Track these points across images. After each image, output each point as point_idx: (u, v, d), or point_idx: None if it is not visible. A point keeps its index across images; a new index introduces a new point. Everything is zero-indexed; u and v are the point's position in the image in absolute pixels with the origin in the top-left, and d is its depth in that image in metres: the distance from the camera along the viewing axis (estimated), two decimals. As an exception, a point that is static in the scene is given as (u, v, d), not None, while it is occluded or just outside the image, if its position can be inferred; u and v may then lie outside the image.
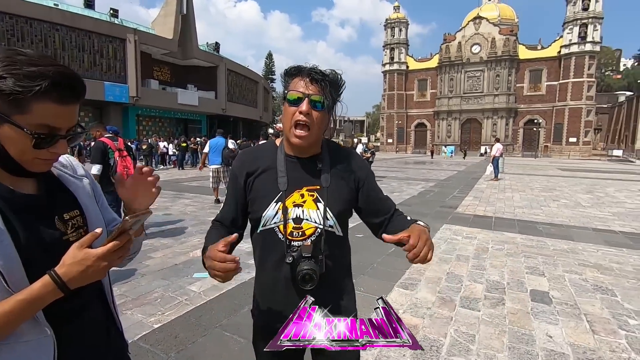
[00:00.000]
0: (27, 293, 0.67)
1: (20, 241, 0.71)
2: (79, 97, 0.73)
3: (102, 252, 0.70)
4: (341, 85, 1.09)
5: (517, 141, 45.49)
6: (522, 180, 15.16)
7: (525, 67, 44.72)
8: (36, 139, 0.68)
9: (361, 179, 1.17)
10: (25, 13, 21.70)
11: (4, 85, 0.65)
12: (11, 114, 0.66)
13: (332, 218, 1.10)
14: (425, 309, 3.14)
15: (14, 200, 0.74)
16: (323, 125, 1.07)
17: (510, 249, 5.01)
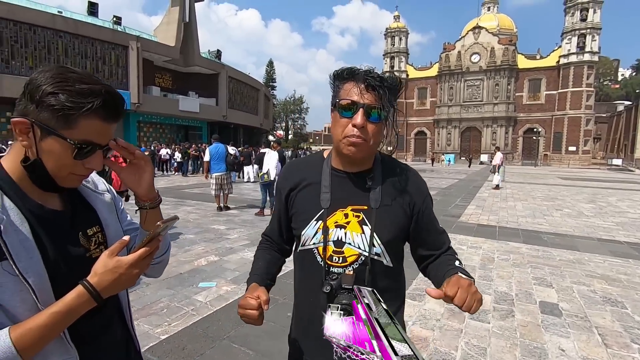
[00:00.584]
0: (61, 305, 0.66)
1: (48, 257, 0.70)
2: (120, 117, 0.75)
3: (134, 259, 0.70)
4: (400, 89, 0.95)
5: (517, 149, 45.66)
6: (524, 189, 15.16)
7: (525, 77, 45.10)
8: (78, 149, 0.69)
9: (417, 203, 1.00)
10: (29, 20, 21.85)
11: (55, 100, 0.66)
12: (58, 128, 0.68)
13: (380, 245, 0.95)
14: (434, 320, 3.10)
15: (43, 216, 0.74)
16: (379, 137, 0.93)
17: (516, 259, 4.98)
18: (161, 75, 32.40)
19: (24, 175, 0.72)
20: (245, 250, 5.08)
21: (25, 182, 0.73)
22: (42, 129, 0.68)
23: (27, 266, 0.66)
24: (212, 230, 6.33)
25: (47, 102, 0.66)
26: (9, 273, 0.65)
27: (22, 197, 0.72)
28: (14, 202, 0.69)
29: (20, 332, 0.63)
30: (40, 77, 0.67)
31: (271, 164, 7.79)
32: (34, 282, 0.66)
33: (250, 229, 6.51)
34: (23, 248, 0.67)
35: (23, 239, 0.67)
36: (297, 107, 65.51)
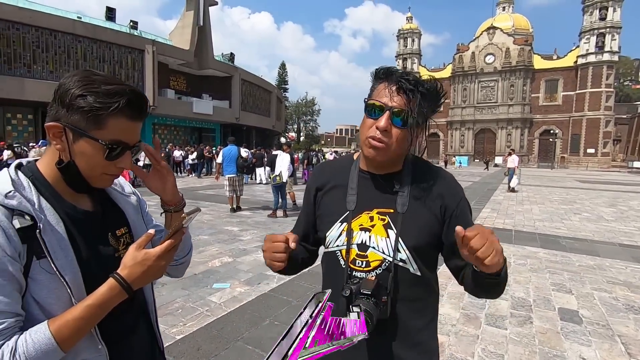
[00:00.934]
0: (94, 298, 0.69)
1: (81, 256, 0.74)
2: (145, 115, 0.78)
3: (161, 250, 0.73)
4: (440, 96, 0.89)
5: (533, 152, 44.76)
6: (540, 192, 14.83)
7: (541, 77, 44.24)
8: (109, 150, 0.72)
9: (449, 207, 0.92)
10: (50, 25, 22.53)
11: (84, 102, 0.69)
12: (89, 129, 0.71)
13: (405, 251, 0.89)
14: (449, 325, 3.05)
15: (76, 217, 0.77)
16: (404, 144, 0.88)
17: (534, 264, 4.87)
18: (176, 78, 32.95)
19: (59, 178, 0.75)
20: (258, 252, 5.10)
21: (59, 184, 0.76)
22: (74, 131, 0.71)
23: (64, 264, 0.69)
24: (226, 231, 6.39)
25: (77, 105, 0.69)
26: (46, 271, 0.68)
27: (57, 199, 0.75)
28: (49, 203, 0.72)
29: (59, 324, 0.66)
30: (68, 82, 0.70)
31: (283, 166, 7.85)
32: (70, 280, 0.69)
33: (263, 230, 6.54)
34: (59, 247, 0.70)
35: (59, 238, 0.70)
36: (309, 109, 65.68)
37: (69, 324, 0.66)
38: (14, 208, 0.66)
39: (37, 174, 0.75)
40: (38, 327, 0.65)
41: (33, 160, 0.79)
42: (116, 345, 0.80)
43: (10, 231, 0.64)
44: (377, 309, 0.81)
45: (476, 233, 0.70)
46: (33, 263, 0.67)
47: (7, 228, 0.64)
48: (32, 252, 0.67)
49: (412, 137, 0.89)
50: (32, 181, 0.73)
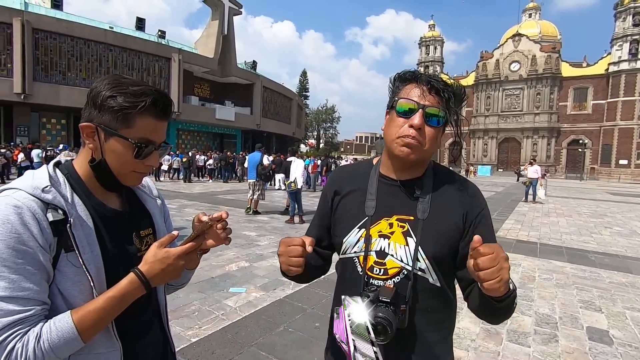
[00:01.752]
0: (115, 290, 0.72)
1: (106, 252, 0.77)
2: (170, 115, 0.82)
3: (182, 250, 0.76)
4: (463, 99, 0.89)
5: (560, 162, 43.16)
6: (568, 204, 14.24)
7: (569, 85, 42.77)
8: (138, 148, 0.76)
9: (470, 216, 0.89)
10: (84, 35, 23.72)
11: (115, 102, 0.74)
12: (119, 129, 0.75)
13: (425, 260, 0.86)
14: (469, 340, 2.95)
15: (105, 214, 0.81)
16: (435, 144, 0.87)
17: (560, 279, 4.66)
18: (200, 85, 33.88)
19: (91, 176, 0.80)
20: (274, 258, 5.11)
21: (92, 182, 0.81)
22: (105, 130, 0.75)
23: (90, 259, 0.73)
24: (243, 236, 6.45)
25: (107, 105, 0.74)
26: (72, 264, 0.71)
27: (88, 196, 0.80)
28: (81, 200, 0.77)
29: (81, 314, 0.69)
30: (99, 85, 0.76)
31: (298, 173, 7.94)
32: (94, 274, 0.73)
33: (280, 236, 6.56)
34: (87, 242, 0.73)
35: (88, 233, 0.74)
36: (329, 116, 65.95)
37: (91, 314, 0.69)
38: (49, 202, 0.70)
39: (72, 172, 0.80)
40: (62, 316, 0.69)
41: (70, 159, 0.84)
42: (130, 343, 0.83)
43: (44, 223, 0.68)
44: (396, 318, 0.79)
45: (490, 252, 0.68)
46: (62, 255, 0.70)
47: (41, 220, 0.68)
48: (61, 245, 0.70)
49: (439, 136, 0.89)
50: (67, 178, 0.77)
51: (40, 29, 21.85)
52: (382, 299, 0.80)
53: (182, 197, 11.82)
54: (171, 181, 18.58)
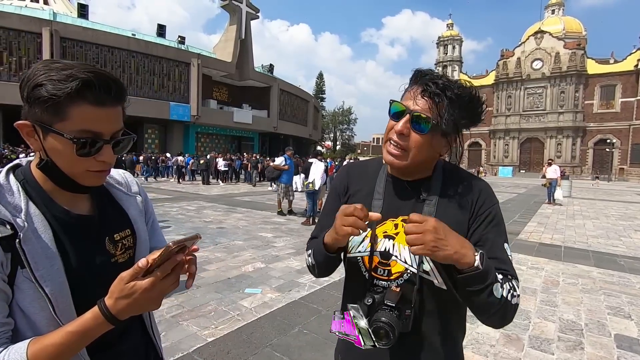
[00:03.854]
0: (77, 325, 0.63)
1: (70, 265, 0.68)
2: (117, 99, 0.68)
3: (149, 284, 0.62)
4: (477, 105, 0.83)
5: (586, 162, 41.53)
6: (595, 206, 13.68)
7: (595, 83, 41.15)
8: (77, 144, 0.65)
9: (475, 215, 0.86)
10: (108, 42, 24.62)
11: (43, 91, 0.62)
12: (53, 123, 0.64)
13: (429, 262, 0.84)
14: (488, 346, 2.86)
15: (68, 222, 0.72)
16: (424, 150, 0.83)
17: (586, 284, 4.47)
18: (218, 89, 34.53)
19: (52, 185, 0.71)
20: (290, 259, 5.13)
21: (52, 186, 0.71)
22: (41, 127, 0.65)
23: (46, 274, 0.65)
24: (260, 237, 6.50)
25: (35, 96, 0.63)
26: (29, 280, 0.64)
27: (47, 203, 0.70)
28: (39, 209, 0.68)
29: (37, 348, 0.61)
30: (27, 74, 0.65)
31: (317, 174, 7.98)
32: (50, 291, 0.65)
33: (297, 237, 6.57)
34: (44, 256, 0.65)
35: (45, 246, 0.66)
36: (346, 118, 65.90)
37: (47, 349, 0.61)
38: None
39: (29, 176, 0.71)
40: (18, 347, 0.62)
41: (28, 161, 0.74)
42: (102, 354, 0.75)
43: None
44: (400, 322, 0.78)
45: (419, 220, 0.71)
46: (18, 272, 0.63)
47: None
48: (16, 261, 0.63)
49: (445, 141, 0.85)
50: (22, 185, 0.69)
51: (68, 37, 22.82)
52: (387, 303, 0.78)
53: (201, 199, 12.03)
54: (191, 183, 18.96)
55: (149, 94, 26.76)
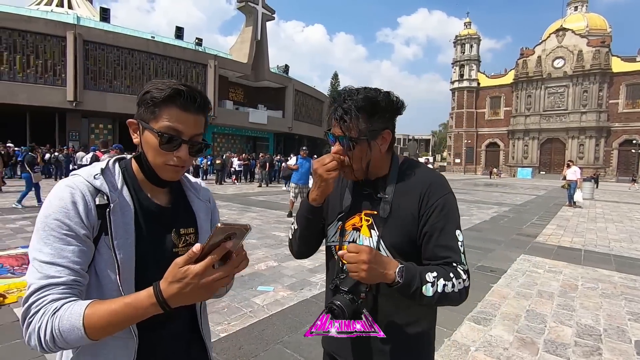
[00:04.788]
0: (133, 298, 0.68)
1: (140, 243, 0.81)
2: (200, 109, 0.84)
3: (200, 267, 0.65)
4: (380, 103, 0.94)
5: (611, 164, 40.08)
6: (618, 209, 13.20)
7: (621, 81, 39.68)
8: (162, 139, 0.80)
9: (425, 205, 0.96)
10: (128, 45, 25.28)
11: (148, 95, 0.80)
12: (149, 121, 0.81)
13: (386, 250, 0.97)
14: (501, 349, 2.82)
15: (148, 208, 0.86)
16: (364, 158, 0.96)
17: (606, 288, 4.33)
18: (234, 89, 34.98)
19: (142, 174, 0.88)
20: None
21: (142, 177, 0.88)
22: (142, 124, 0.83)
23: (121, 244, 0.78)
24: (273, 236, 6.56)
25: (142, 99, 0.81)
26: (107, 246, 0.77)
27: (137, 189, 0.86)
28: (129, 192, 0.84)
29: (94, 310, 0.67)
30: (144, 87, 0.84)
31: None
32: (121, 259, 0.77)
33: (309, 237, 6.60)
34: (123, 229, 0.79)
35: (125, 221, 0.80)
36: (361, 118, 65.46)
37: (102, 313, 0.67)
38: (98, 188, 0.79)
39: (129, 167, 0.88)
40: (81, 304, 0.69)
41: (131, 156, 0.92)
42: (148, 333, 0.82)
43: (91, 205, 0.77)
44: (352, 305, 0.87)
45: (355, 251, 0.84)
46: (102, 237, 0.77)
47: (89, 202, 0.77)
48: (102, 228, 0.77)
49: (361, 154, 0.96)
50: (122, 172, 0.86)
51: (90, 40, 23.56)
52: (341, 288, 0.89)
53: (217, 198, 12.12)
54: (206, 182, 19.27)
55: (167, 95, 27.35)
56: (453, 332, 3.06)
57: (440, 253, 0.94)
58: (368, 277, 0.83)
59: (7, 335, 2.74)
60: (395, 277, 0.85)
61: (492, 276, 4.62)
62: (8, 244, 5.36)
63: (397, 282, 0.85)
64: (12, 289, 3.60)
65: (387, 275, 0.85)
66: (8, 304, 3.28)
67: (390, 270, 0.86)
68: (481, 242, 6.57)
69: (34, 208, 8.66)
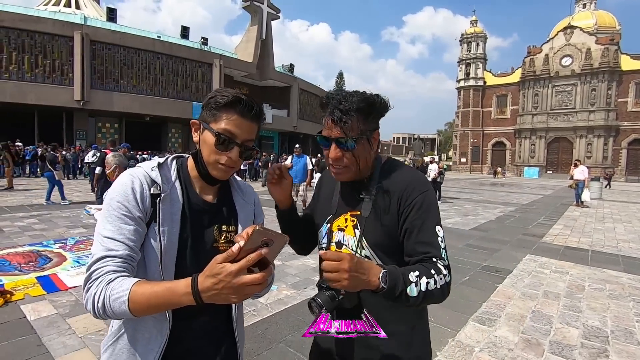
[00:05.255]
0: (173, 284, 0.74)
1: (183, 234, 0.89)
2: (255, 118, 0.93)
3: (235, 267, 0.67)
4: (375, 104, 0.98)
5: (619, 164, 39.55)
6: (627, 209, 13.03)
7: (630, 80, 39.12)
8: (218, 138, 0.88)
9: (403, 204, 0.98)
10: (134, 45, 25.45)
11: (212, 100, 0.90)
12: (209, 122, 0.91)
13: (368, 248, 1.01)
14: (506, 350, 2.79)
15: (195, 203, 0.95)
16: (360, 157, 0.99)
17: (614, 289, 4.27)
18: (239, 88, 33.58)
19: (196, 172, 0.97)
20: (306, 257, 5.16)
21: (195, 175, 0.97)
22: (203, 125, 0.92)
23: (166, 231, 0.86)
24: (277, 235, 6.56)
25: (207, 103, 0.91)
26: (154, 232, 0.86)
27: (188, 185, 0.95)
28: (181, 186, 0.93)
29: (139, 286, 0.75)
30: (210, 93, 0.94)
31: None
32: (165, 246, 0.85)
33: (313, 236, 6.60)
34: (170, 218, 0.88)
35: (173, 212, 0.89)
36: (366, 117, 65.29)
37: (145, 292, 0.74)
38: (153, 179, 0.89)
39: (184, 164, 0.98)
40: (129, 280, 0.76)
41: (188, 155, 1.02)
42: (180, 322, 0.90)
43: (147, 193, 0.87)
44: (333, 302, 0.88)
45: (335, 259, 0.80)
46: (151, 224, 0.86)
47: (145, 190, 0.87)
48: (153, 216, 0.86)
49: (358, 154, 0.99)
50: (178, 168, 0.96)
51: (97, 40, 23.76)
52: (322, 285, 0.90)
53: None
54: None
55: (172, 94, 27.51)
56: (457, 332, 3.04)
57: (420, 249, 0.94)
58: (350, 286, 0.81)
59: (14, 332, 2.78)
60: (380, 283, 0.84)
61: (497, 276, 4.58)
62: (15, 242, 5.43)
63: (381, 288, 0.84)
64: (19, 286, 3.64)
65: (370, 282, 0.83)
66: (15, 301, 3.32)
67: (374, 277, 0.83)
68: (487, 242, 6.53)
69: (42, 207, 8.77)
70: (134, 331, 0.87)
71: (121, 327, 0.89)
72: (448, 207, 11.81)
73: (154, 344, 0.87)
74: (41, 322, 2.95)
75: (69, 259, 4.68)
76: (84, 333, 2.80)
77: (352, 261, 0.80)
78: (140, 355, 0.87)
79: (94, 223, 6.77)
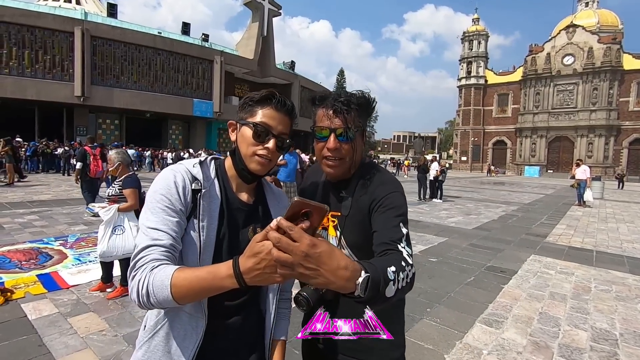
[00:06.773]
0: (215, 267, 0.74)
1: (220, 230, 0.92)
2: (288, 112, 0.98)
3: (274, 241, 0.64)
4: (371, 103, 1.06)
5: (620, 163, 39.47)
6: (630, 209, 12.98)
7: (632, 79, 38.95)
8: (255, 130, 0.93)
9: (374, 203, 1.01)
10: (135, 41, 25.34)
11: (248, 99, 0.98)
12: (246, 118, 0.96)
13: (347, 248, 1.07)
14: (515, 353, 2.75)
15: (232, 201, 0.98)
16: (357, 150, 1.05)
17: (621, 291, 4.23)
18: (240, 86, 34.93)
19: (232, 170, 1.00)
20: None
21: (232, 175, 1.00)
22: (240, 122, 0.97)
23: (205, 226, 0.89)
24: (280, 233, 6.52)
25: (244, 102, 0.98)
26: (194, 227, 0.89)
27: (226, 184, 0.99)
28: (219, 184, 0.97)
29: (182, 274, 0.75)
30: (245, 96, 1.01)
31: None
32: (204, 241, 0.88)
33: (316, 235, 6.55)
34: (209, 214, 0.91)
35: (212, 208, 0.92)
36: (366, 115, 65.17)
37: (188, 277, 0.74)
38: (194, 175, 0.92)
39: (222, 165, 1.02)
40: (171, 268, 0.77)
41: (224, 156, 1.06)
42: (215, 320, 0.91)
43: (188, 188, 0.90)
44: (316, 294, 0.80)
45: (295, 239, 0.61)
46: (191, 219, 0.89)
47: (187, 185, 0.90)
48: (193, 211, 0.89)
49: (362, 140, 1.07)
50: (216, 168, 1.00)
51: (98, 36, 23.65)
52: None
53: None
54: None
55: (173, 90, 27.41)
56: (464, 334, 3.00)
57: (386, 240, 0.92)
58: (303, 278, 0.64)
59: (15, 331, 2.73)
60: (356, 289, 0.67)
61: (502, 277, 4.54)
62: (16, 239, 5.38)
63: (357, 295, 0.68)
64: (19, 284, 3.60)
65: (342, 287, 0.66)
66: (15, 299, 3.27)
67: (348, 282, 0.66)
68: (490, 241, 6.49)
69: (42, 203, 8.72)
70: (170, 328, 0.89)
71: (157, 324, 0.90)
72: (450, 205, 11.77)
73: (189, 342, 0.88)
74: (42, 322, 2.91)
75: (70, 256, 4.63)
76: (86, 333, 2.76)
77: (314, 247, 0.61)
78: (175, 353, 0.88)
79: (95, 220, 6.73)
